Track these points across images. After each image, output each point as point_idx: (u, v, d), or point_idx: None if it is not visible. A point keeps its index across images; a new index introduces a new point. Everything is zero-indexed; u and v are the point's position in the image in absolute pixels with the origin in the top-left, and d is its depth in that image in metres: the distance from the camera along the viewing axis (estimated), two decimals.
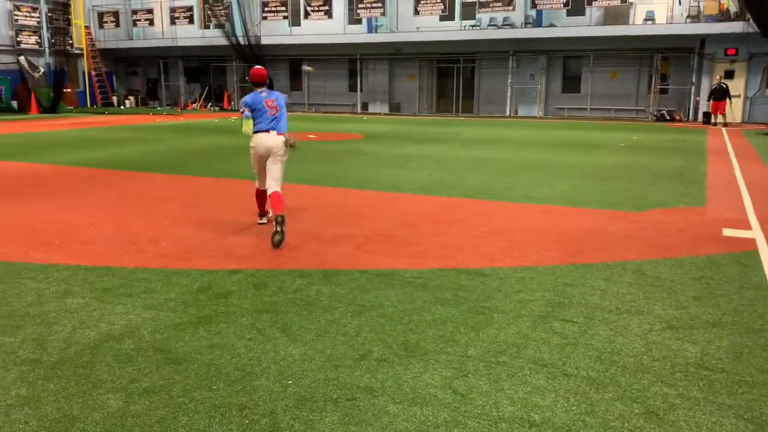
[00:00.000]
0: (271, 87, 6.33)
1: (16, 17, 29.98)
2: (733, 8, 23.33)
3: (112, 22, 34.02)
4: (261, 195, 6.52)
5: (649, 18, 25.23)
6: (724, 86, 21.80)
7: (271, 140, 6.09)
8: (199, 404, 2.94)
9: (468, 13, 27.70)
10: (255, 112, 6.11)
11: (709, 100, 22.32)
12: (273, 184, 6.09)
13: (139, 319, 3.98)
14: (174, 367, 3.32)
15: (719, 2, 23.73)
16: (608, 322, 3.99)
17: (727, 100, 21.87)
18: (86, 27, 32.67)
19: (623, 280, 4.82)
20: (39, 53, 30.94)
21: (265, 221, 6.57)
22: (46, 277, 4.81)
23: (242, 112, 6.14)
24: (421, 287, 4.63)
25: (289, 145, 6.16)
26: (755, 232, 6.36)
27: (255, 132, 6.13)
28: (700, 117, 23.73)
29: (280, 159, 6.14)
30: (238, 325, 3.89)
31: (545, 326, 3.92)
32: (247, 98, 6.17)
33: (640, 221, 6.83)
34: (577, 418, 2.86)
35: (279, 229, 5.67)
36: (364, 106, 31.08)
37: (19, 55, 29.78)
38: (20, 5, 30.10)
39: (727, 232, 6.37)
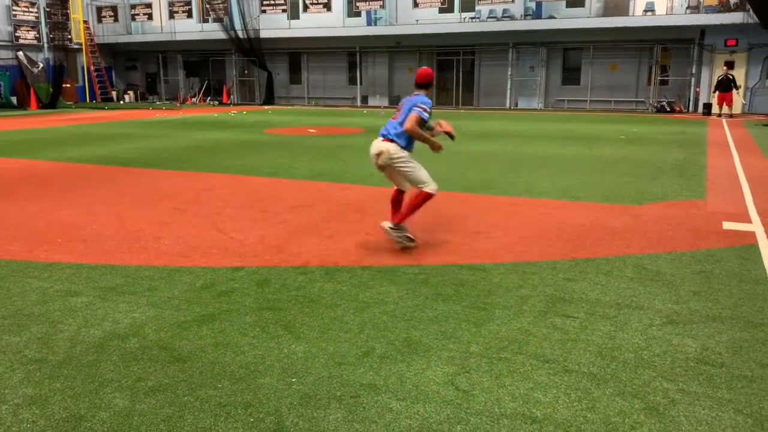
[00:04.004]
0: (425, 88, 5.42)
1: (14, 12, 29.95)
2: None
3: (110, 16, 33.96)
4: (395, 195, 5.66)
5: (649, 9, 25.19)
6: (731, 77, 21.45)
7: (375, 147, 5.37)
8: (205, 403, 2.98)
9: (467, 5, 27.66)
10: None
11: (714, 91, 21.93)
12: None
13: (144, 318, 4.01)
14: (179, 365, 3.36)
15: None
16: (609, 318, 4.02)
17: (734, 90, 21.54)
18: (85, 22, 32.61)
19: (623, 275, 4.85)
20: (38, 48, 30.92)
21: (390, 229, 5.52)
22: (50, 276, 4.84)
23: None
24: (423, 283, 4.66)
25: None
26: (755, 226, 6.39)
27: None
28: (701, 108, 23.71)
29: (395, 167, 5.32)
30: (241, 323, 3.92)
31: (546, 322, 3.95)
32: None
33: (641, 215, 6.85)
34: (579, 414, 2.89)
35: (392, 235, 5.35)
36: (364, 100, 31.07)
37: (18, 50, 29.76)
38: (19, 0, 30.03)
39: (727, 225, 6.39)
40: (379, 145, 5.33)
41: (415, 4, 27.63)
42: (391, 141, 5.28)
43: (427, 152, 5.64)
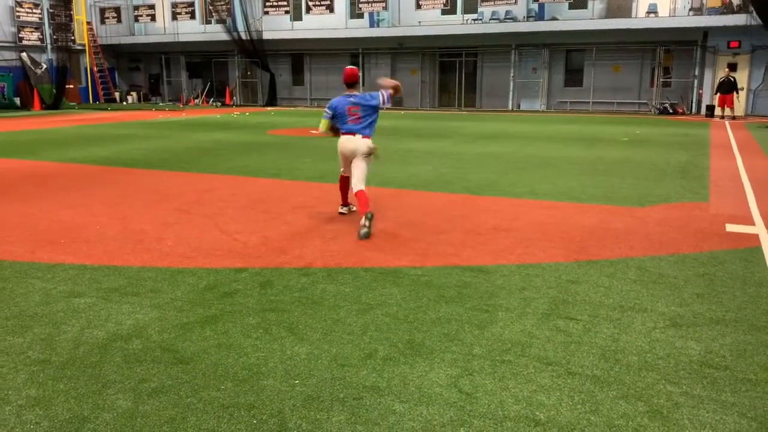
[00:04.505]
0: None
1: (18, 13, 30.02)
2: (736, 0, 23.24)
3: (113, 17, 34.04)
4: (343, 183, 6.85)
5: (652, 11, 25.17)
6: (732, 79, 21.33)
7: (354, 143, 6.36)
8: (208, 404, 2.98)
9: (470, 6, 27.67)
10: (337, 116, 6.46)
11: (716, 93, 21.92)
12: (356, 183, 6.34)
13: (147, 319, 4.02)
14: (182, 367, 3.36)
15: None
16: (612, 320, 4.01)
17: (735, 93, 21.46)
18: (88, 23, 32.68)
19: (627, 277, 4.84)
20: (41, 49, 30.99)
21: (346, 212, 6.95)
22: (53, 277, 4.85)
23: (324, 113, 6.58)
24: (426, 285, 4.66)
25: (369, 154, 6.42)
26: (758, 228, 6.37)
27: (341, 133, 6.49)
28: (703, 110, 23.67)
29: (364, 159, 6.38)
30: (244, 325, 3.92)
31: (549, 324, 3.94)
32: (333, 101, 6.52)
33: (644, 217, 6.85)
34: (582, 416, 2.88)
35: (367, 224, 5.96)
36: None
37: (22, 51, 29.82)
38: (22, 1, 30.12)
39: (731, 227, 6.38)
40: (360, 141, 6.34)
41: (418, 6, 27.65)
42: (368, 137, 6.38)
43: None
